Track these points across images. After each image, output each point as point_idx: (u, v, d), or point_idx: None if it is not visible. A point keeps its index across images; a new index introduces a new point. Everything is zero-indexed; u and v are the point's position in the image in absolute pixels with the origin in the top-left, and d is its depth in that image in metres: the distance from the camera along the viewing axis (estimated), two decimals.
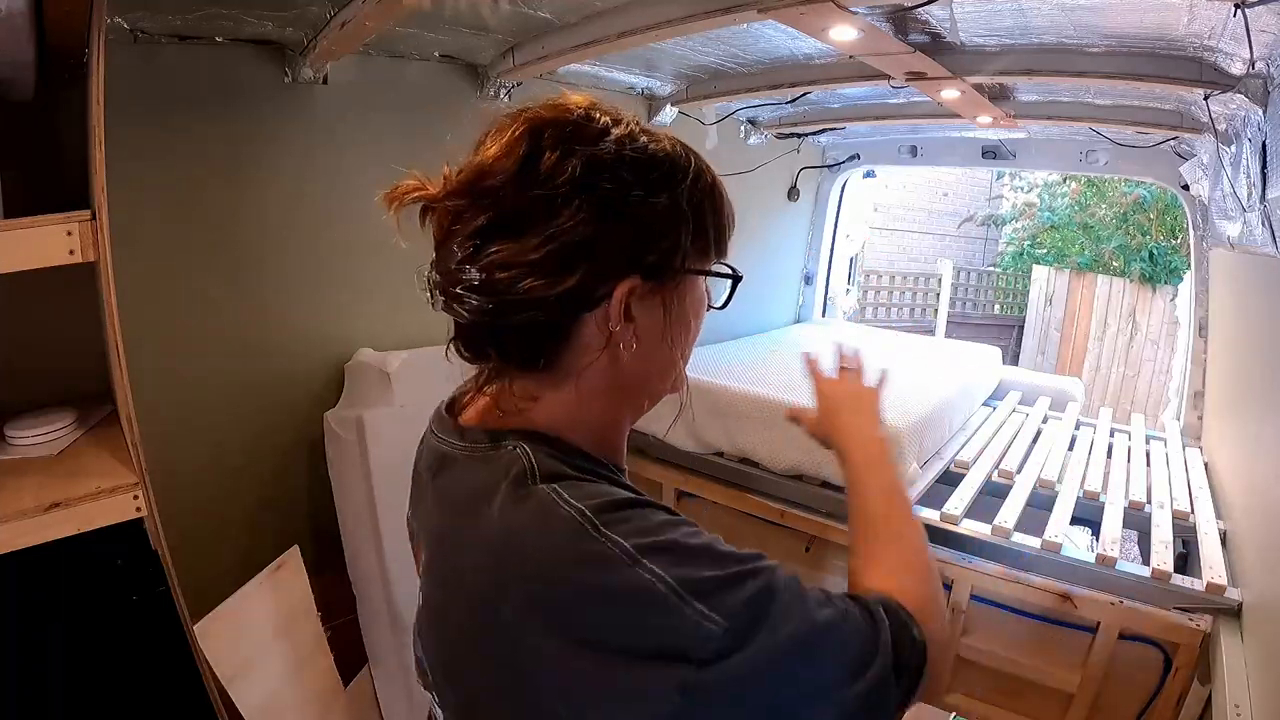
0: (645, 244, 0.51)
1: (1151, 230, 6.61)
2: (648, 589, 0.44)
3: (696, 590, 0.44)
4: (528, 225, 0.49)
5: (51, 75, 1.14)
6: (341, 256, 1.68)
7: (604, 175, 0.50)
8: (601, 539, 0.45)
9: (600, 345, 0.52)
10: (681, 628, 0.43)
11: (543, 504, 0.48)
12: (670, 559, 0.45)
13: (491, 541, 0.48)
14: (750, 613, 0.45)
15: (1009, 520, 1.65)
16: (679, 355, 0.58)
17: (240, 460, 1.60)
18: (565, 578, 0.45)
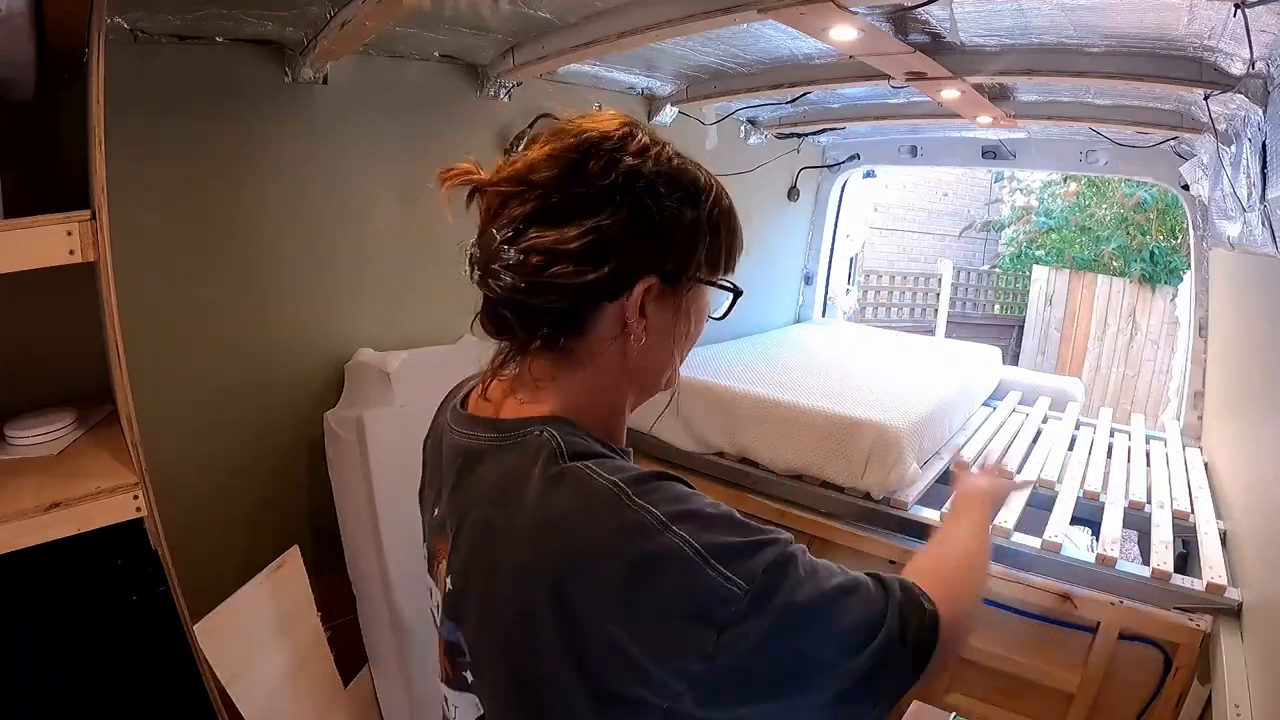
0: (668, 250, 0.58)
1: (1151, 230, 6.62)
2: (678, 553, 0.48)
3: (719, 554, 0.49)
4: (568, 218, 0.56)
5: (51, 75, 1.14)
6: (341, 256, 1.68)
7: (642, 185, 0.56)
8: (636, 508, 0.50)
9: (613, 335, 0.58)
10: (707, 590, 0.48)
11: (579, 479, 0.52)
12: (696, 525, 0.50)
13: (532, 522, 0.52)
14: (767, 578, 0.49)
15: (1009, 520, 1.65)
16: (678, 355, 0.64)
17: (240, 460, 1.60)
18: (608, 544, 0.50)
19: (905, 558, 1.68)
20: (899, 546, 1.68)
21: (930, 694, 1.61)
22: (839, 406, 1.83)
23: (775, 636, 0.49)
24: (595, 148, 0.57)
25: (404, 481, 1.62)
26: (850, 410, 1.80)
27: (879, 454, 1.73)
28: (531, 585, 0.51)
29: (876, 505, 1.75)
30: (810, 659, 0.51)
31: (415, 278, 1.84)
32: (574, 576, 0.50)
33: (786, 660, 0.50)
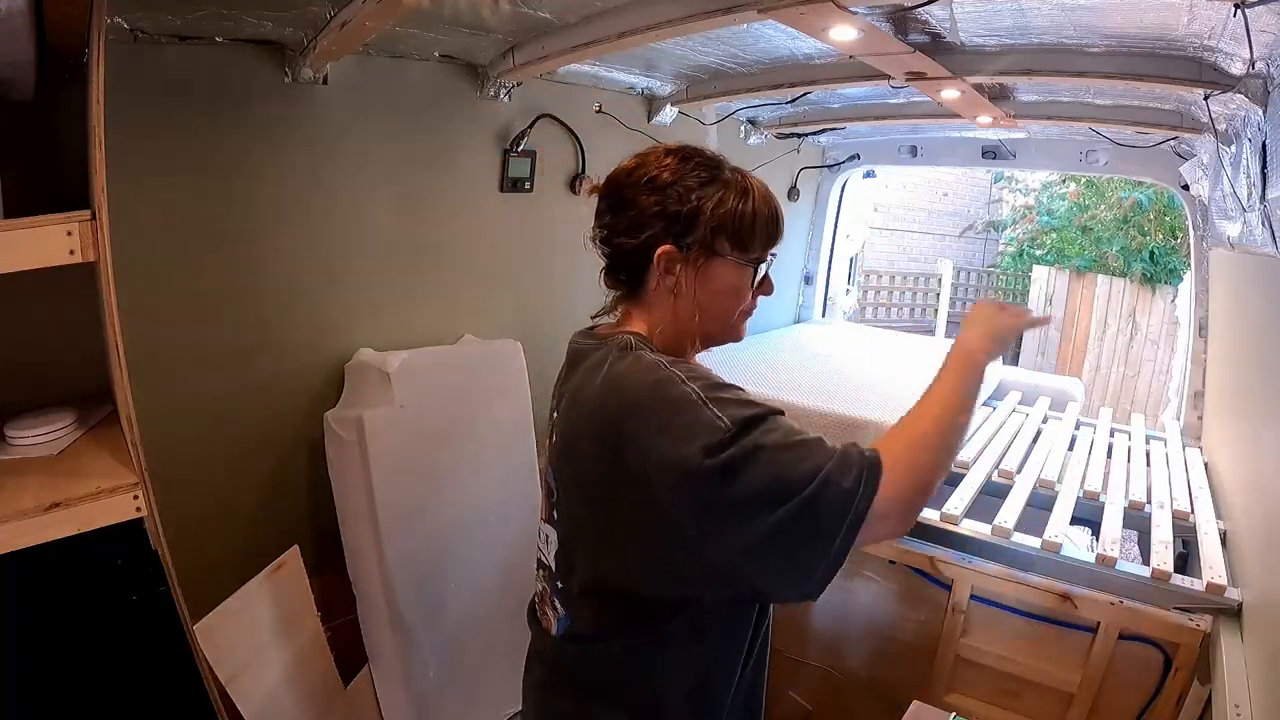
0: (675, 227, 0.82)
1: (1151, 231, 6.61)
2: (689, 395, 0.72)
3: (716, 401, 0.71)
4: (623, 208, 0.84)
5: (51, 75, 1.14)
6: (341, 256, 1.68)
7: (658, 186, 0.82)
8: (668, 370, 0.75)
9: (655, 286, 0.84)
10: (702, 420, 0.69)
11: (638, 357, 0.78)
12: (706, 385, 0.73)
13: (603, 382, 0.77)
14: (746, 422, 0.69)
15: (1009, 520, 1.65)
16: (708, 311, 0.85)
17: (240, 460, 1.60)
18: (648, 391, 0.74)
19: (905, 558, 1.68)
20: (899, 546, 1.68)
21: (930, 694, 1.61)
22: (839, 406, 1.83)
23: (742, 462, 0.67)
24: (642, 163, 0.84)
25: (404, 481, 1.63)
26: (850, 410, 1.80)
27: None
28: (600, 423, 0.76)
29: None
30: (765, 487, 0.67)
31: (415, 278, 1.84)
32: (626, 414, 0.74)
33: (748, 483, 0.67)
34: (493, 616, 1.77)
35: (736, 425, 0.68)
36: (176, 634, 1.15)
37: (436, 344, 1.85)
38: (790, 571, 0.70)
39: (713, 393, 0.72)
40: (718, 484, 0.67)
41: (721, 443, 0.67)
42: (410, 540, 1.63)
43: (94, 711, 1.14)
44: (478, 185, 1.91)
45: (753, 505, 0.67)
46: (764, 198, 0.84)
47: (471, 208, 1.91)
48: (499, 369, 1.86)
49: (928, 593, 1.66)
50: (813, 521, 0.67)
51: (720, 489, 0.68)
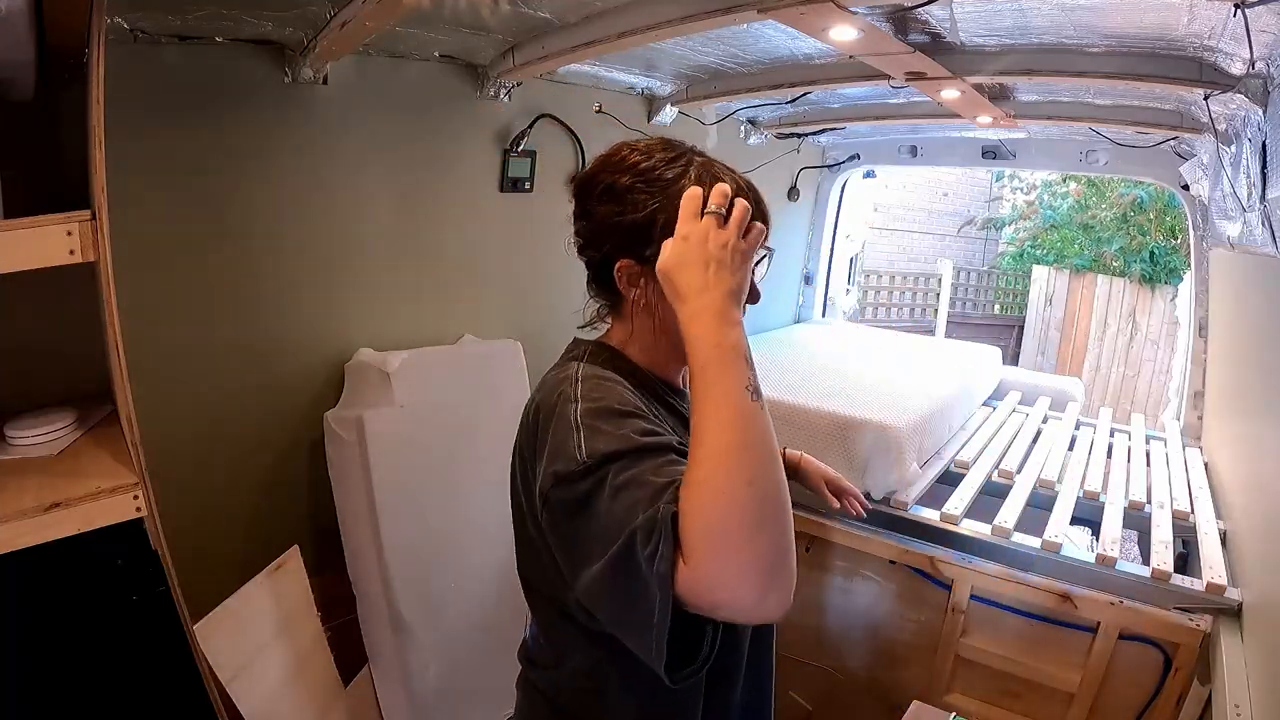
0: (631, 239, 0.75)
1: (1151, 231, 6.61)
2: (568, 417, 0.67)
3: (589, 429, 0.65)
4: (584, 217, 0.80)
5: (51, 75, 1.14)
6: (341, 256, 1.68)
7: (616, 193, 0.76)
8: (573, 387, 0.71)
9: (625, 298, 0.79)
10: (566, 446, 0.65)
11: (564, 367, 0.77)
12: (594, 410, 0.67)
13: (535, 391, 0.77)
14: (602, 458, 0.62)
15: (1009, 520, 1.65)
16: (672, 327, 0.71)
17: (240, 460, 1.60)
18: (548, 405, 0.71)
19: (905, 558, 1.68)
20: (899, 546, 1.68)
21: (930, 694, 1.61)
22: (839, 407, 1.83)
23: (577, 503, 0.62)
24: (602, 165, 0.78)
25: (404, 481, 1.63)
26: (850, 410, 1.80)
27: (879, 454, 1.73)
28: (521, 432, 0.76)
29: (876, 505, 1.75)
30: (591, 534, 0.61)
31: (415, 278, 1.84)
32: (534, 425, 0.72)
33: (578, 526, 0.62)
34: (493, 616, 1.77)
35: (592, 459, 0.62)
36: (176, 634, 1.15)
37: (436, 344, 1.85)
38: (631, 638, 0.59)
39: (591, 419, 0.66)
40: (558, 516, 0.64)
41: (570, 474, 0.62)
42: (410, 540, 1.63)
43: (94, 712, 1.14)
44: (478, 185, 1.91)
45: (581, 549, 0.62)
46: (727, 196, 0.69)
47: (471, 208, 1.91)
48: (499, 369, 1.86)
49: (928, 593, 1.66)
50: (624, 585, 0.57)
51: (557, 522, 0.65)
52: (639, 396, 0.74)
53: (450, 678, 1.70)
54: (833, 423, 1.79)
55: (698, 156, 0.77)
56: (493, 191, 1.93)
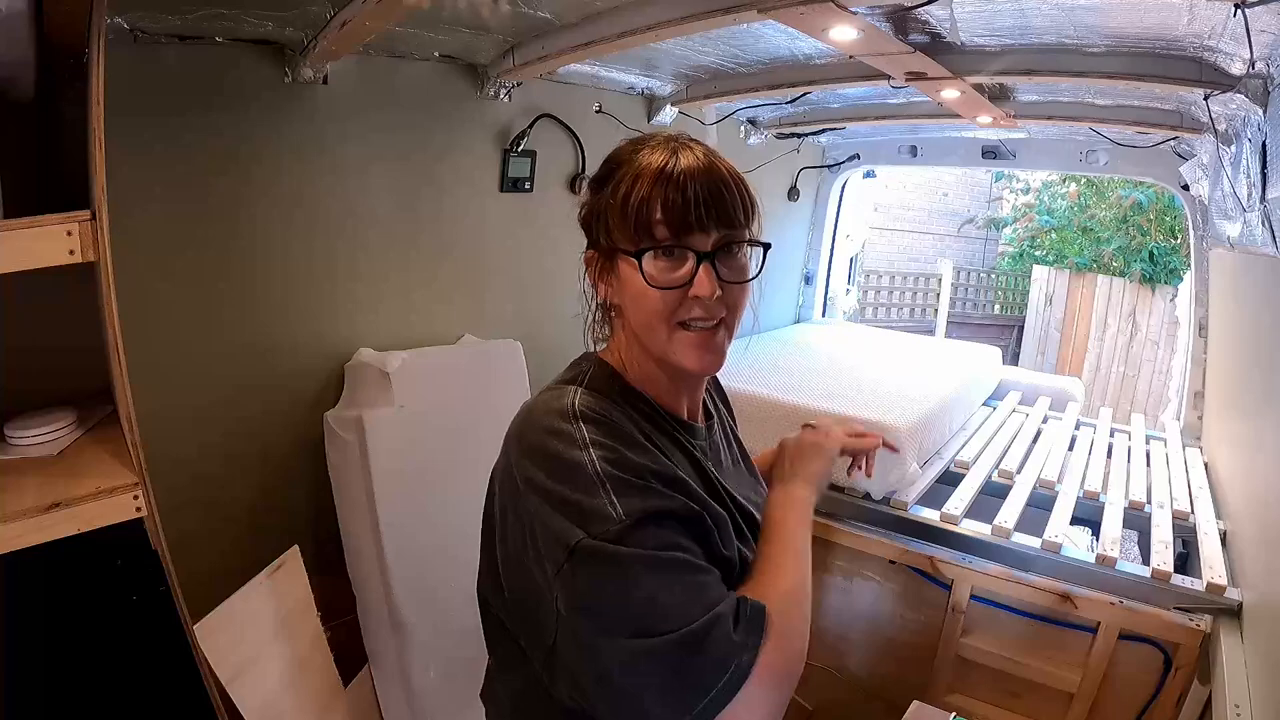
0: (590, 228, 0.73)
1: (1151, 231, 6.61)
2: (583, 465, 0.60)
3: (615, 483, 0.59)
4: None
5: (51, 75, 1.14)
6: (341, 256, 1.68)
7: (596, 183, 0.72)
8: (572, 426, 0.63)
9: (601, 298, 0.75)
10: (591, 503, 0.58)
11: (563, 394, 0.67)
12: (609, 457, 0.61)
13: (518, 414, 0.69)
14: (639, 519, 0.58)
15: (1009, 520, 1.65)
16: (639, 320, 0.70)
17: (240, 460, 1.60)
18: (535, 438, 0.64)
19: (905, 557, 1.68)
20: (899, 546, 1.68)
21: (930, 694, 1.61)
22: (839, 407, 1.83)
23: (617, 565, 0.57)
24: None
25: (404, 481, 1.63)
26: (850, 410, 1.80)
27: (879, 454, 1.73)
28: (502, 457, 0.68)
29: (876, 505, 1.75)
30: (630, 601, 0.56)
31: (415, 278, 1.84)
32: (511, 450, 0.66)
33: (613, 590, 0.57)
34: None
35: (630, 518, 0.58)
36: (176, 634, 1.15)
37: (436, 344, 1.85)
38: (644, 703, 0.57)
39: (613, 467, 0.60)
40: (590, 576, 0.58)
41: (607, 535, 0.57)
42: (410, 540, 1.63)
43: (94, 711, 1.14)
44: (478, 185, 1.91)
45: (612, 614, 0.57)
46: (656, 171, 0.67)
47: (472, 208, 1.91)
48: (499, 369, 1.86)
49: (928, 593, 1.66)
50: (683, 663, 0.55)
51: (590, 583, 0.58)
52: (644, 436, 0.68)
53: (450, 678, 1.70)
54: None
55: (664, 137, 0.72)
56: (493, 191, 1.93)
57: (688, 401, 0.78)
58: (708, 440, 0.81)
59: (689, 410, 0.78)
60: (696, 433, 0.78)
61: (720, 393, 0.97)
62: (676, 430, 0.74)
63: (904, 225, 8.99)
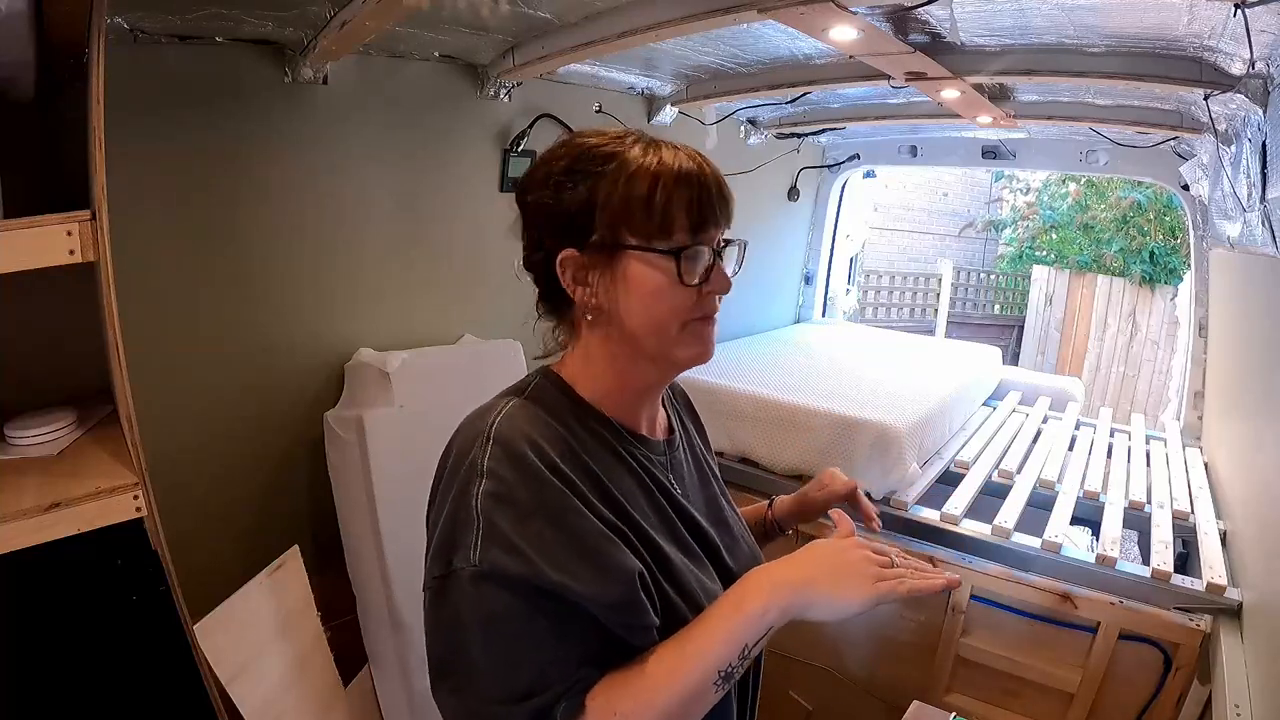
0: (570, 227, 0.67)
1: (1151, 231, 6.61)
2: (467, 497, 0.59)
3: (487, 529, 0.58)
4: (524, 222, 0.73)
5: (51, 75, 1.14)
6: (342, 256, 1.68)
7: (541, 186, 0.69)
8: (484, 452, 0.61)
9: (576, 306, 0.70)
10: (461, 540, 0.58)
11: (493, 406, 0.67)
12: (496, 490, 0.59)
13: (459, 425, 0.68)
14: (489, 574, 0.57)
15: (1009, 520, 1.65)
16: (646, 324, 0.68)
17: (240, 460, 1.60)
18: (456, 460, 0.63)
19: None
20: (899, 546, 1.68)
21: (930, 694, 1.61)
22: (839, 406, 1.83)
23: (458, 610, 0.58)
24: (539, 162, 0.71)
25: (404, 481, 1.63)
26: (850, 410, 1.80)
27: (879, 454, 1.73)
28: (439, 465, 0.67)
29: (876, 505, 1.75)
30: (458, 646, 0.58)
31: (415, 278, 1.84)
32: (440, 465, 0.66)
33: (459, 635, 0.58)
34: None
35: (483, 564, 0.57)
36: (176, 634, 1.15)
37: (436, 344, 1.85)
38: None
39: (495, 507, 0.58)
40: (433, 606, 0.60)
41: (461, 575, 0.57)
42: (410, 540, 1.62)
43: (94, 711, 1.14)
44: (478, 185, 1.91)
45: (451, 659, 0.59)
46: (672, 171, 0.65)
47: (471, 207, 1.91)
48: (499, 369, 1.86)
49: None
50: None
51: (430, 612, 0.60)
52: (574, 461, 0.64)
53: None
54: (833, 423, 1.79)
55: (643, 135, 0.69)
56: (493, 191, 1.93)
57: (646, 415, 0.75)
58: (668, 456, 0.77)
59: (647, 424, 0.76)
60: (655, 447, 0.75)
61: (691, 410, 0.94)
62: (633, 445, 0.72)
63: (904, 225, 8.99)
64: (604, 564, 0.60)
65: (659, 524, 0.70)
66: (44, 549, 0.95)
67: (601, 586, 0.59)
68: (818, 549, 0.67)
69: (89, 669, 1.11)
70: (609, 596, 0.59)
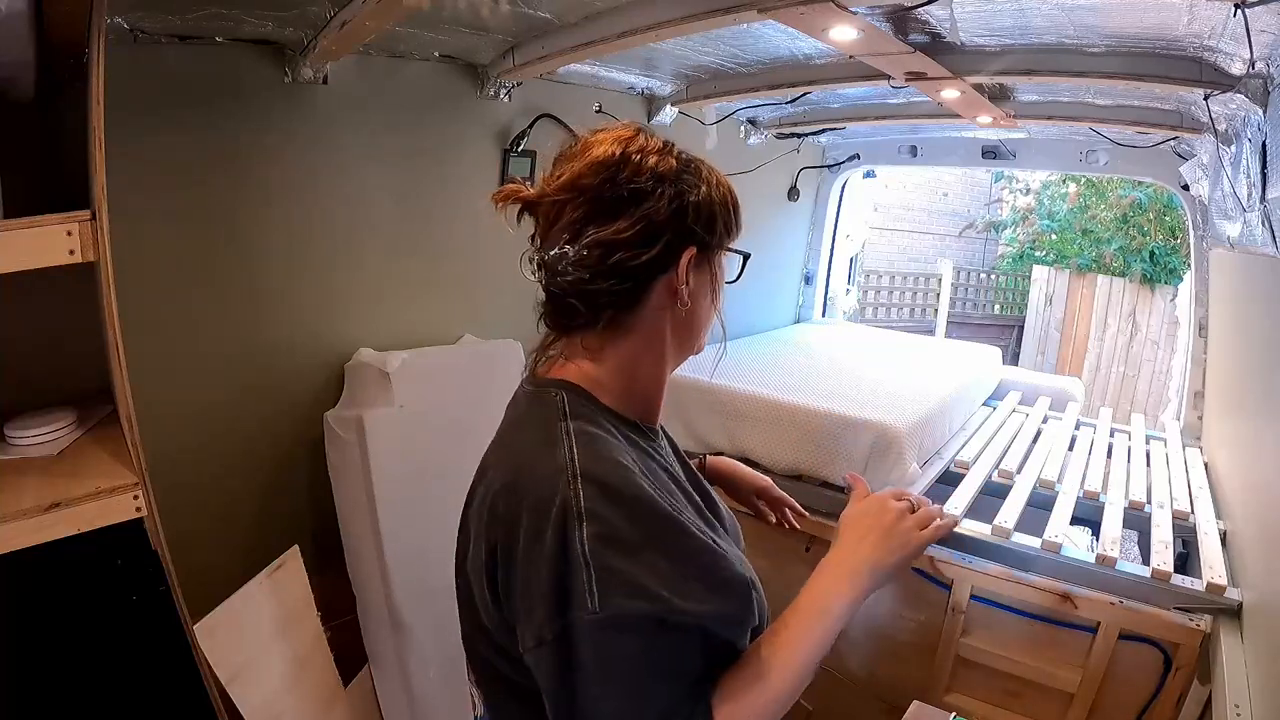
0: (698, 224, 0.69)
1: (1151, 231, 6.61)
2: (570, 544, 0.57)
3: (600, 574, 0.56)
4: (618, 213, 0.67)
5: (51, 75, 1.14)
6: (342, 256, 1.68)
7: (670, 177, 0.68)
8: (571, 489, 0.58)
9: (665, 304, 0.70)
10: (574, 589, 0.56)
11: (553, 437, 0.63)
12: (602, 531, 0.57)
13: (511, 459, 0.66)
14: (612, 619, 0.56)
15: (1009, 520, 1.65)
16: (714, 311, 0.75)
17: (240, 460, 1.60)
18: (535, 504, 0.59)
19: None
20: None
21: (930, 694, 1.61)
22: (839, 406, 1.83)
23: (590, 661, 0.56)
24: (626, 153, 0.68)
25: (404, 481, 1.63)
26: (850, 410, 1.80)
27: (879, 454, 1.73)
28: (485, 505, 0.65)
29: None
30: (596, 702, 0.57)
31: (415, 278, 1.84)
32: (507, 510, 0.61)
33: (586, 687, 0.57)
34: None
35: (605, 610, 0.56)
36: (176, 634, 1.15)
37: (436, 344, 1.85)
38: None
39: (602, 546, 0.57)
40: (551, 658, 0.57)
41: (585, 619, 0.56)
42: (410, 540, 1.63)
43: (94, 711, 1.14)
44: (478, 185, 1.91)
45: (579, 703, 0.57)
46: (728, 182, 0.75)
47: (471, 208, 1.91)
48: (499, 369, 1.86)
49: (928, 593, 1.66)
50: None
51: (555, 665, 0.58)
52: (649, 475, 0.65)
53: (450, 678, 1.70)
54: (833, 423, 1.78)
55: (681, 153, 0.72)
56: (493, 191, 1.93)
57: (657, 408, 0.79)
58: (666, 441, 0.81)
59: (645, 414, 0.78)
60: (659, 435, 0.78)
61: None
62: (652, 441, 0.75)
63: (904, 225, 8.99)
64: (721, 579, 0.62)
65: (695, 514, 0.71)
66: (44, 549, 0.96)
67: (724, 603, 0.61)
68: (859, 524, 0.75)
69: (89, 669, 1.11)
70: (730, 610, 0.62)
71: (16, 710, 1.08)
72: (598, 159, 0.68)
